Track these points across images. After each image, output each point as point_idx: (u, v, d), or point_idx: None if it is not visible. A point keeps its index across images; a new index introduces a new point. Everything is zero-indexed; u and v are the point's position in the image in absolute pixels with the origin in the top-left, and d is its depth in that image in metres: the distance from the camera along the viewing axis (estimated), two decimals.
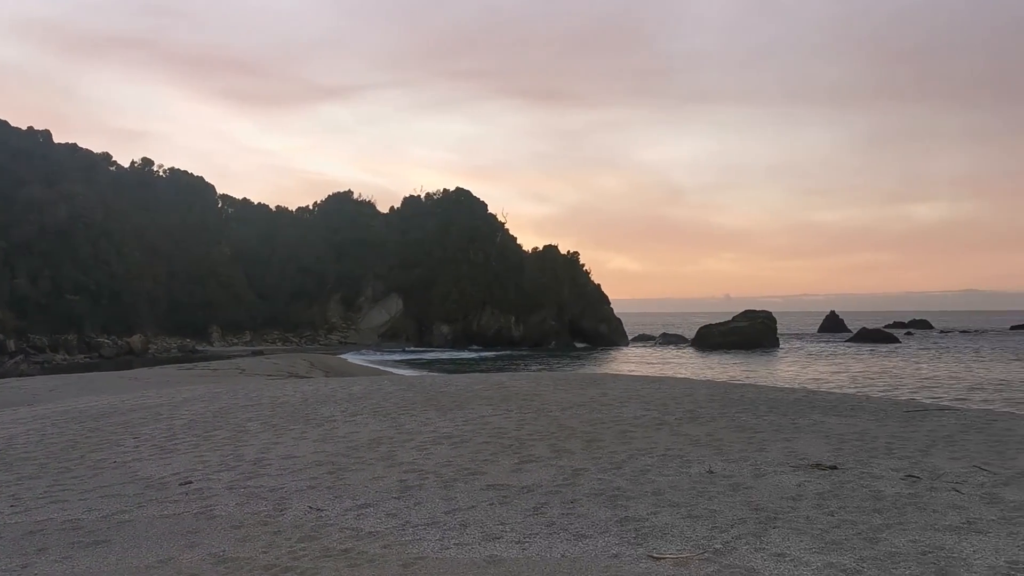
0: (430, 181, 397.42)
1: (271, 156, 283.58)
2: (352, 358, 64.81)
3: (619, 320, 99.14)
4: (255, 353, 70.08)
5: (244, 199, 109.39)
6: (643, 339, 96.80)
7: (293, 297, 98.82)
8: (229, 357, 58.16)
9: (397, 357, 69.82)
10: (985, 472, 10.63)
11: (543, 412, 16.94)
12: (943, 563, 6.79)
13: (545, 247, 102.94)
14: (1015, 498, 9.14)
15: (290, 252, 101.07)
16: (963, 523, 8.06)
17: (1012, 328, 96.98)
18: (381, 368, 52.01)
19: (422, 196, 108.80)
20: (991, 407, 20.19)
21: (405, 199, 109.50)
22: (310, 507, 9.15)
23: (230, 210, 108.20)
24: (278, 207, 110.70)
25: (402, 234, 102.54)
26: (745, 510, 8.66)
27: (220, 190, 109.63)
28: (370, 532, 8.14)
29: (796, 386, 25.36)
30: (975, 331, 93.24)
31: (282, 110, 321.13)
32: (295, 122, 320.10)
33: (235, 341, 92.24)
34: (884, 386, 26.33)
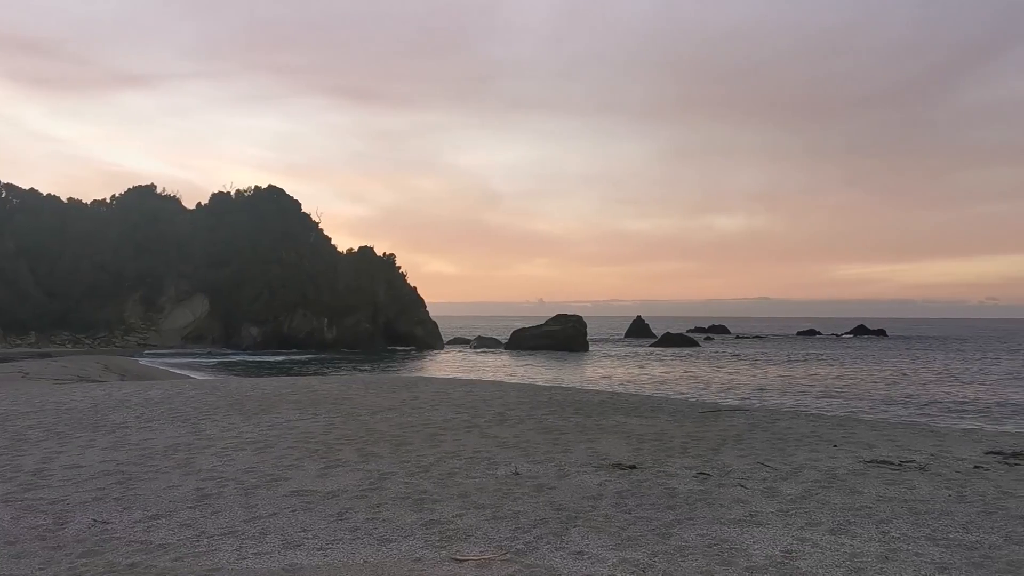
0: (241, 177, 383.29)
1: (63, 144, 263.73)
2: (150, 361, 61.37)
3: (435, 323, 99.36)
4: (42, 355, 64.96)
5: (31, 189, 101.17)
6: (458, 342, 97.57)
7: (86, 296, 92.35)
8: (11, 360, 53.63)
9: (201, 360, 66.74)
10: (767, 468, 11.41)
11: (352, 416, 16.68)
12: (726, 554, 7.21)
13: (361, 248, 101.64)
14: (792, 491, 9.85)
15: (83, 247, 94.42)
16: (746, 516, 8.59)
17: (798, 334, 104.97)
18: (182, 371, 49.56)
19: (232, 193, 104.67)
20: (776, 406, 21.72)
21: (214, 195, 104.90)
22: (95, 520, 8.55)
23: (15, 201, 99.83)
24: (70, 199, 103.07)
25: (210, 232, 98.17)
26: (548, 510, 8.85)
27: (3, 179, 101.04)
28: (160, 544, 7.69)
29: (602, 388, 26.30)
30: (767, 336, 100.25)
31: (76, 96, 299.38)
32: (91, 109, 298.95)
33: (18, 343, 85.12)
34: (684, 388, 27.79)
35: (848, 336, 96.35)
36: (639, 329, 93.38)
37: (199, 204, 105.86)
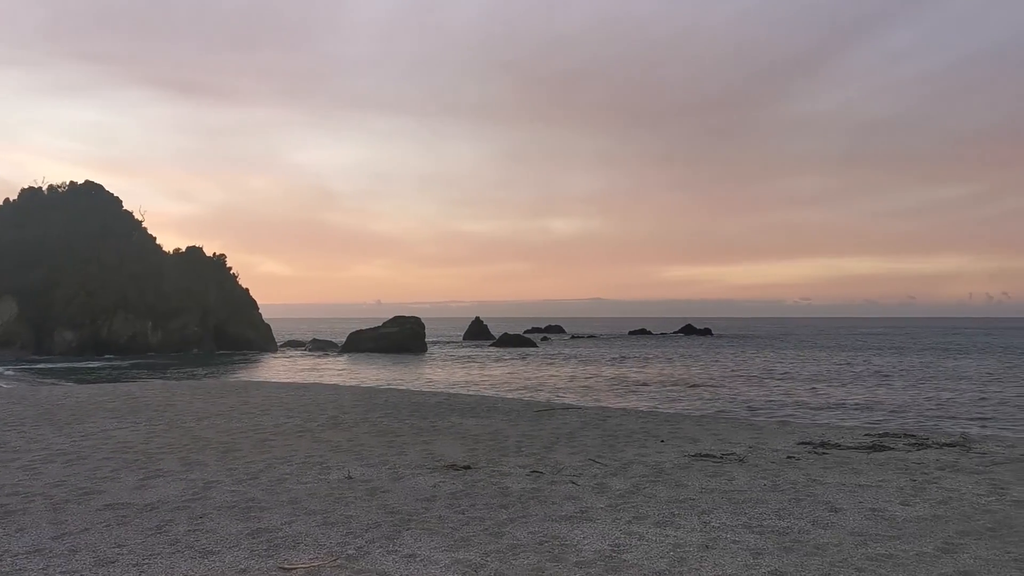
0: (54, 172, 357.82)
1: None
2: None
3: (268, 326, 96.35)
4: None
5: None
6: (293, 345, 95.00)
7: None
8: None
9: (8, 368, 61.95)
10: (598, 464, 11.70)
11: (176, 424, 15.89)
12: (557, 551, 7.31)
13: (189, 248, 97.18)
14: (621, 486, 10.14)
15: None
16: (577, 512, 8.76)
17: (630, 333, 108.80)
18: None
19: (44, 188, 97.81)
20: (608, 404, 22.36)
21: (23, 191, 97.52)
22: None
23: None
24: None
25: (19, 230, 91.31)
26: (381, 514, 8.71)
27: None
28: None
29: (439, 390, 26.27)
30: (601, 335, 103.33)
31: None
32: None
33: None
34: (520, 388, 28.16)
35: (677, 335, 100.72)
36: (478, 330, 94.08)
37: (7, 200, 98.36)
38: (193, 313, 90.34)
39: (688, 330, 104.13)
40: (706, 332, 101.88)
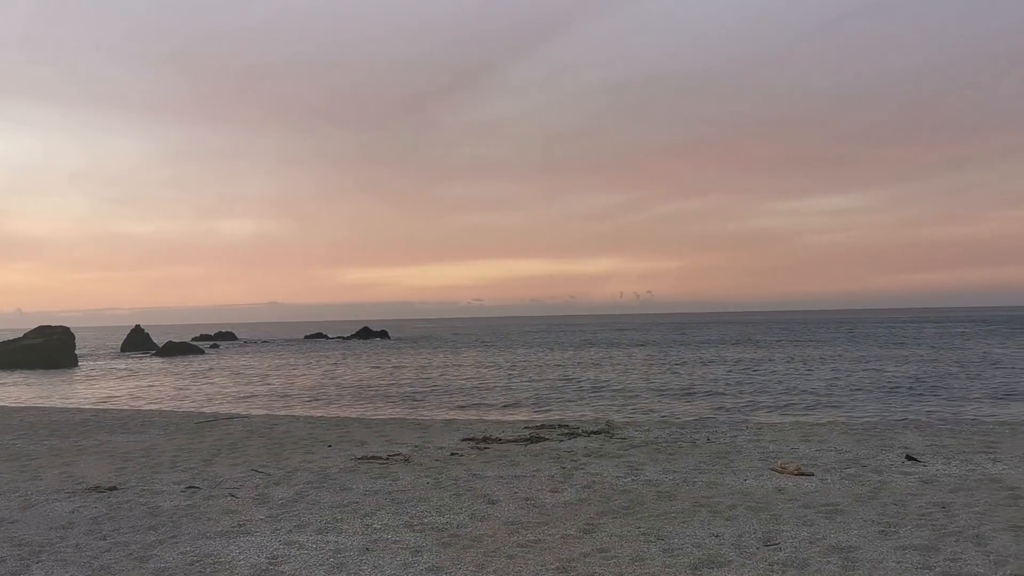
0: None
1: None
2: None
3: None
4: None
5: None
6: None
7: None
8: None
9: None
10: (261, 474, 11.27)
11: None
12: (209, 569, 6.89)
13: None
14: (284, 495, 9.84)
15: None
16: (235, 526, 8.35)
17: (306, 337, 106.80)
18: None
19: None
20: (276, 411, 21.71)
21: None
22: None
23: None
24: None
25: None
26: (7, 547, 7.71)
27: None
28: None
29: (87, 406, 23.97)
30: (275, 340, 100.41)
31: None
32: None
33: None
34: (181, 399, 26.49)
35: (352, 339, 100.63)
36: (138, 339, 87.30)
37: None
38: None
39: (365, 333, 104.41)
40: (383, 334, 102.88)
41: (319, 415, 20.73)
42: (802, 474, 10.64)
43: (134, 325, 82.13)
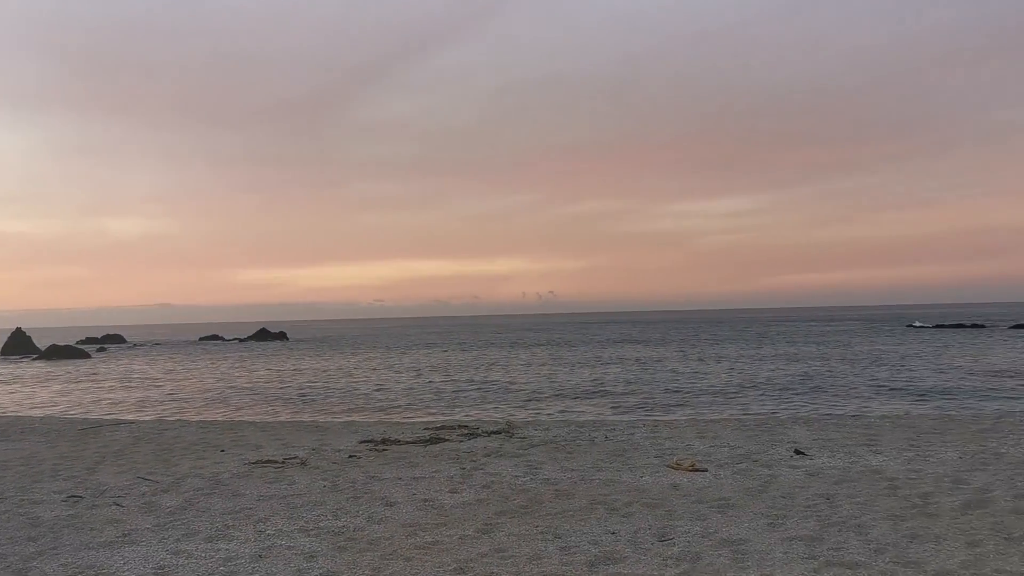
0: None
1: None
2: None
3: None
4: None
5: None
6: None
7: None
8: None
9: None
10: (148, 482, 10.87)
11: None
12: None
13: None
14: (172, 503, 9.51)
15: None
16: (119, 536, 8.02)
17: (200, 339, 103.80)
18: None
19: None
20: (166, 415, 21.00)
21: None
22: None
23: None
24: None
25: None
26: None
27: None
28: None
29: None
30: (167, 343, 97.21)
31: None
32: None
33: None
34: (64, 404, 25.35)
35: (249, 340, 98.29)
36: (19, 342, 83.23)
37: None
38: None
39: (263, 334, 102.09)
40: (281, 336, 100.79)
41: (212, 419, 20.15)
42: (696, 470, 10.88)
43: (15, 327, 78.24)
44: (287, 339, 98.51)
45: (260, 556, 7.22)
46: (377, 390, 28.61)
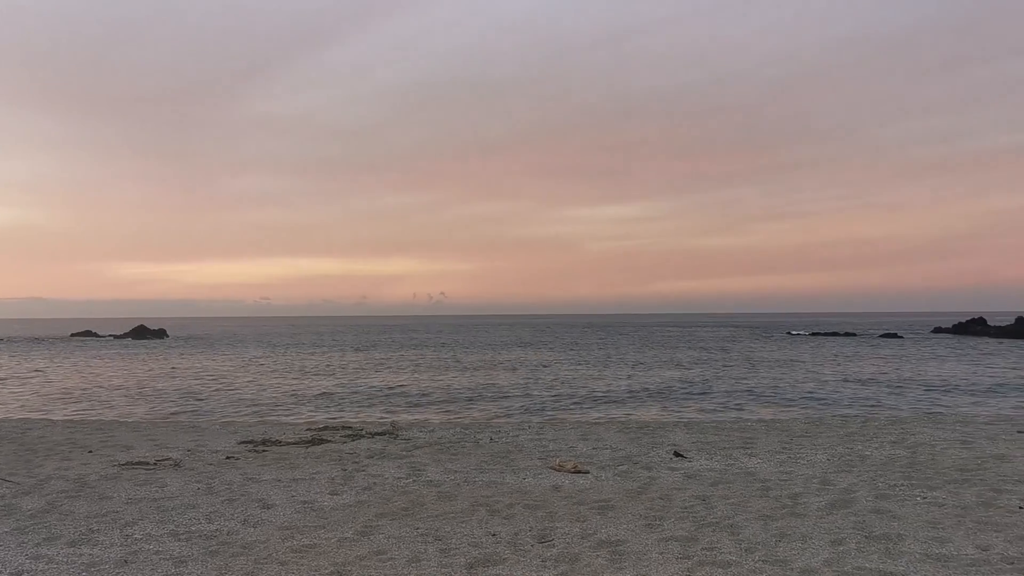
0: None
1: None
2: None
3: None
4: None
5: None
6: None
7: None
8: None
9: None
10: (8, 483, 10.28)
11: None
12: None
13: None
14: (34, 506, 9.00)
15: None
16: None
17: (73, 335, 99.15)
18: None
19: None
20: (31, 415, 19.93)
21: None
22: None
23: None
24: None
25: None
26: None
27: None
28: None
29: None
30: (43, 339, 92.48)
31: None
32: None
33: None
34: None
35: (126, 337, 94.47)
36: None
37: None
38: None
39: (141, 332, 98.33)
40: (160, 333, 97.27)
41: (80, 419, 19.22)
42: (579, 472, 11.00)
43: None
44: (167, 337, 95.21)
45: (126, 561, 6.90)
46: (260, 390, 27.90)
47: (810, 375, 32.66)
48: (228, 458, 12.24)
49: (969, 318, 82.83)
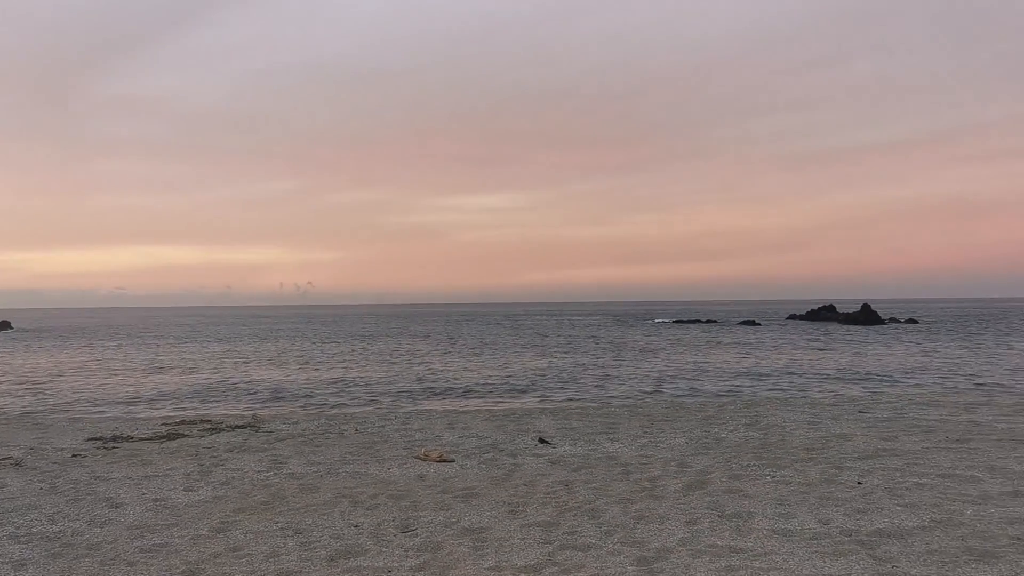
0: None
1: None
2: None
3: None
4: None
5: None
6: None
7: None
8: None
9: None
10: None
11: None
12: None
13: None
14: None
15: None
16: None
17: None
18: None
19: None
20: None
21: None
22: None
23: None
24: None
25: None
26: None
27: None
28: None
29: None
30: None
31: None
32: None
33: None
34: None
35: None
36: None
37: None
38: None
39: None
40: (4, 325, 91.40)
41: None
42: (444, 460, 10.99)
43: None
44: (11, 328, 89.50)
45: None
46: (111, 383, 26.62)
47: (671, 361, 33.75)
48: (74, 456, 11.61)
49: (821, 305, 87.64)
